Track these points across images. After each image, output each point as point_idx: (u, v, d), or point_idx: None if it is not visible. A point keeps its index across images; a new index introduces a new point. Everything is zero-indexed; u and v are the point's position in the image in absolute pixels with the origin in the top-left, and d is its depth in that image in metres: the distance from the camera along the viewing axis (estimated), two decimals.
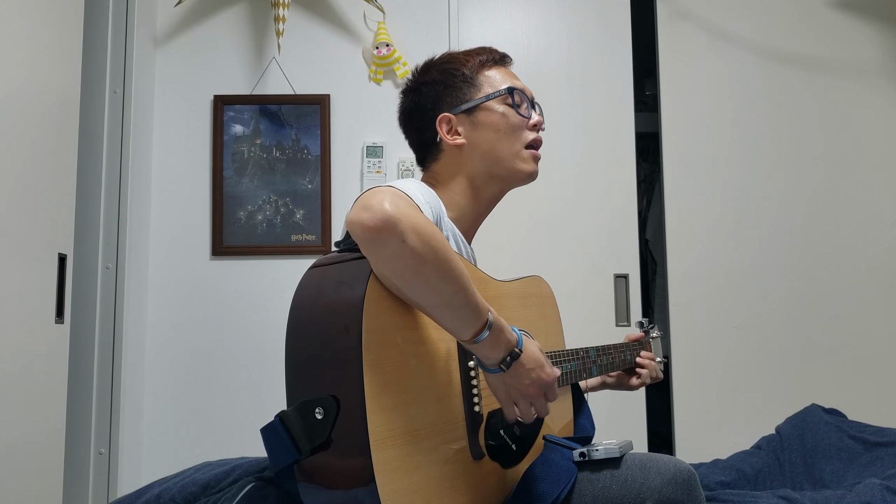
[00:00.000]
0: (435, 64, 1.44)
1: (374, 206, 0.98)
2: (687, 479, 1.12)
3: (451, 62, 1.42)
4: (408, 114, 1.45)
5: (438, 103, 1.40)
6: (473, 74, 1.40)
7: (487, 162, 1.38)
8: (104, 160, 2.48)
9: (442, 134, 1.38)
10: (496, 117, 1.38)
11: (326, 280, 1.04)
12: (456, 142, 1.38)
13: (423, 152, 1.44)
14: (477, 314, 1.05)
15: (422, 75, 1.44)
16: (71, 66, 2.11)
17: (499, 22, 2.86)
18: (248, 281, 2.69)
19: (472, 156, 1.38)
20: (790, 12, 2.88)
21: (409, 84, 1.45)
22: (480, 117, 1.38)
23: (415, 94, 1.43)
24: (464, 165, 1.39)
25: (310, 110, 2.74)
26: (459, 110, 1.39)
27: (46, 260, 1.98)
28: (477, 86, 1.40)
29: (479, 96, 1.38)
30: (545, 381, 1.13)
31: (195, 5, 2.79)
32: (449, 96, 1.40)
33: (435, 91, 1.40)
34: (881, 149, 2.84)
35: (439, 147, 1.40)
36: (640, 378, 1.64)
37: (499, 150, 1.38)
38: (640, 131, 2.91)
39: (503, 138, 1.38)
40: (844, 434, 1.83)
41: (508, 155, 1.39)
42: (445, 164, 1.41)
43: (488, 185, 1.40)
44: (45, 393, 1.95)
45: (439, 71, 1.42)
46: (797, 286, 2.78)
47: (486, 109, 1.39)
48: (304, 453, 0.97)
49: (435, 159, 1.42)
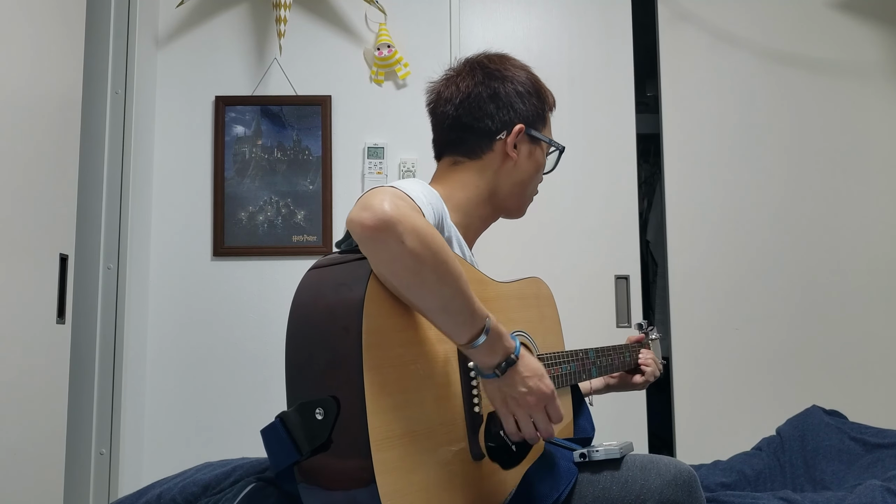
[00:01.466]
0: (528, 71, 1.42)
1: (374, 206, 0.98)
2: (687, 481, 1.12)
3: (541, 85, 1.43)
4: (477, 94, 1.36)
5: (522, 112, 1.38)
6: (548, 111, 1.45)
7: (515, 189, 1.40)
8: (106, 161, 2.48)
9: (510, 138, 1.37)
10: (542, 160, 1.43)
11: (326, 281, 1.04)
12: (512, 153, 1.37)
13: (466, 138, 1.37)
14: (474, 318, 1.04)
15: (516, 70, 1.40)
16: (73, 67, 2.12)
17: (500, 23, 2.86)
18: (249, 282, 2.69)
19: (509, 175, 1.39)
20: (791, 13, 2.88)
21: (497, 66, 1.39)
22: (537, 152, 1.42)
23: (503, 82, 1.37)
24: (496, 176, 1.38)
25: (311, 111, 2.75)
26: (530, 132, 1.39)
27: (48, 260, 1.98)
28: (545, 123, 1.44)
29: (545, 133, 1.43)
30: (543, 391, 1.09)
31: (197, 6, 2.79)
32: (531, 114, 1.39)
33: (525, 99, 1.39)
34: (882, 150, 2.84)
35: (490, 145, 1.37)
36: (643, 375, 1.65)
37: (529, 187, 1.43)
38: (640, 132, 2.91)
39: (535, 180, 1.44)
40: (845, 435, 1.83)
41: (529, 195, 1.45)
42: (480, 164, 1.37)
43: (500, 203, 1.41)
44: (46, 393, 1.96)
45: (533, 85, 1.41)
46: (798, 287, 2.78)
47: (542, 149, 1.43)
48: (304, 454, 0.97)
49: (472, 153, 1.37)
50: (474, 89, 1.36)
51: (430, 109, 1.42)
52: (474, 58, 1.41)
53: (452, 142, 1.39)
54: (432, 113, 1.41)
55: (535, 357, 1.16)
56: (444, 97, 1.39)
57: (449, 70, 1.42)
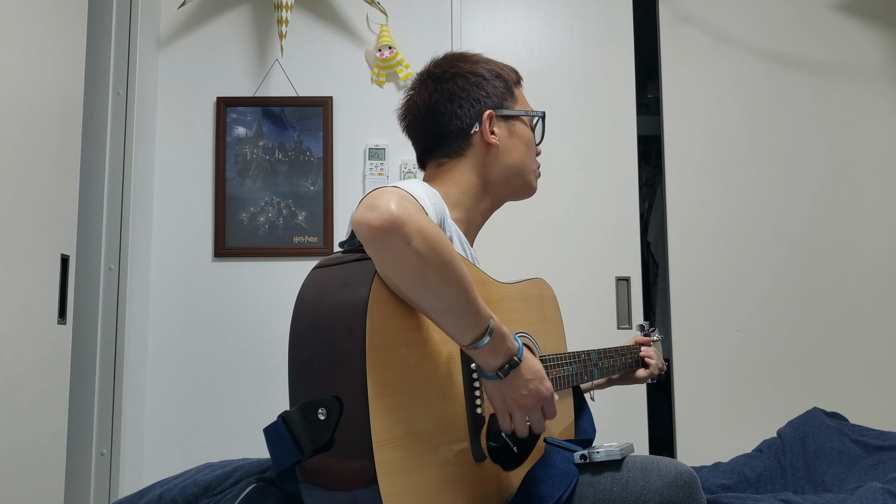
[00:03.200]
0: (477, 59, 1.42)
1: (380, 207, 0.98)
2: (688, 482, 1.12)
3: (495, 65, 1.43)
4: (436, 102, 1.38)
5: (485, 99, 1.39)
6: (511, 86, 1.44)
7: (511, 171, 1.40)
8: (107, 161, 2.48)
9: (484, 128, 1.38)
10: (527, 132, 1.44)
11: (330, 281, 1.04)
12: (492, 140, 1.38)
13: (442, 143, 1.39)
14: (478, 320, 1.05)
15: (464, 63, 1.41)
16: (74, 68, 2.12)
17: (501, 24, 2.86)
18: (249, 282, 2.69)
19: (498, 159, 1.39)
20: (792, 15, 2.89)
21: (443, 69, 1.40)
22: (518, 128, 1.42)
23: (454, 81, 1.38)
24: (485, 166, 1.39)
25: (312, 112, 2.75)
26: (502, 113, 1.40)
27: (49, 261, 1.98)
28: (515, 98, 1.44)
29: (517, 108, 1.43)
30: (543, 394, 1.12)
31: (198, 7, 2.79)
32: (494, 96, 1.40)
33: (483, 86, 1.39)
34: (883, 152, 2.84)
35: (468, 141, 1.38)
36: (648, 368, 1.67)
37: (525, 163, 1.43)
38: (642, 134, 2.91)
39: (528, 154, 1.44)
40: (846, 438, 1.83)
41: (530, 170, 1.44)
42: (465, 160, 1.38)
43: (499, 191, 1.41)
44: (47, 393, 1.96)
45: (487, 69, 1.41)
46: (799, 289, 2.78)
47: (522, 122, 1.43)
48: (306, 454, 0.97)
49: (453, 152, 1.39)
50: (431, 98, 1.39)
51: (405, 132, 1.46)
52: (423, 69, 1.44)
53: (430, 148, 1.42)
54: (407, 134, 1.46)
55: (538, 358, 1.17)
56: (409, 117, 1.43)
57: (406, 90, 1.45)
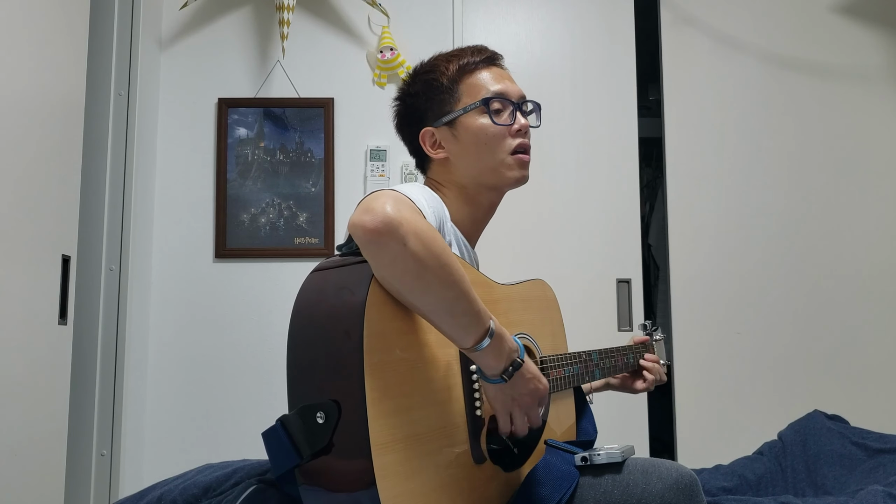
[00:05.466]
0: (420, 73, 1.41)
1: (375, 210, 0.98)
2: (689, 485, 1.12)
3: (432, 72, 1.39)
4: (398, 123, 1.46)
5: (422, 117, 1.39)
6: (453, 84, 1.37)
7: (474, 172, 1.37)
8: (108, 162, 2.48)
9: (426, 148, 1.38)
10: (476, 129, 1.35)
11: (328, 284, 1.04)
12: (439, 156, 1.38)
13: (417, 160, 1.46)
14: (478, 321, 1.05)
15: (407, 86, 1.43)
16: (76, 69, 2.12)
17: (502, 26, 2.86)
18: (250, 283, 2.69)
19: (458, 167, 1.37)
20: (794, 18, 2.88)
21: (398, 93, 1.45)
22: (461, 129, 1.35)
23: (401, 104, 1.43)
24: (452, 176, 1.38)
25: (314, 113, 2.75)
26: (440, 123, 1.37)
27: (50, 261, 1.98)
28: (456, 96, 1.36)
29: (457, 108, 1.36)
30: (542, 392, 1.14)
31: (200, 8, 2.79)
32: (430, 109, 1.38)
33: (417, 104, 1.39)
34: (885, 154, 2.84)
35: (428, 158, 1.40)
36: (645, 382, 1.63)
37: (483, 160, 1.35)
38: (643, 136, 2.91)
39: (485, 149, 1.35)
40: (847, 440, 1.83)
41: (493, 165, 1.35)
42: (437, 174, 1.41)
43: (480, 193, 1.39)
44: (47, 394, 1.96)
45: (422, 82, 1.40)
46: (800, 292, 2.78)
47: (465, 121, 1.35)
48: (305, 458, 0.97)
49: (428, 168, 1.43)
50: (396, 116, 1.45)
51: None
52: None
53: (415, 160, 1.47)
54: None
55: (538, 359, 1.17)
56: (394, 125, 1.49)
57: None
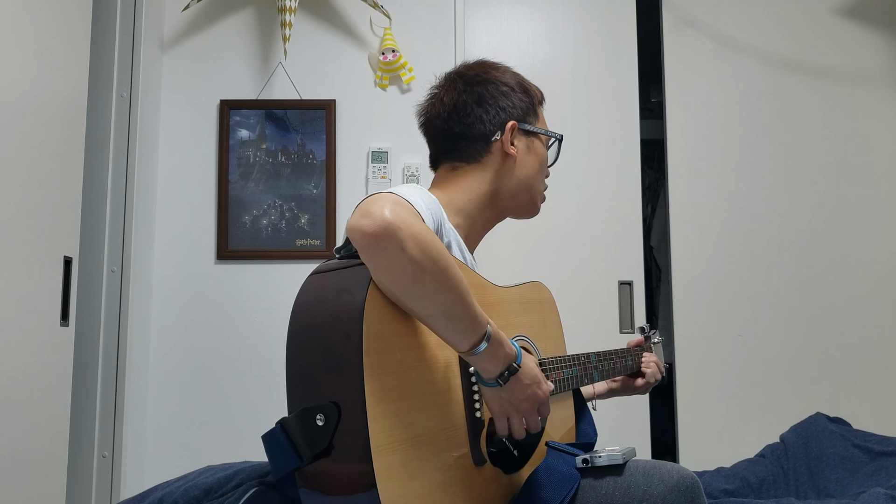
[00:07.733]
0: (507, 70, 1.43)
1: (374, 213, 0.98)
2: (690, 487, 1.12)
3: (524, 81, 1.44)
4: (463, 102, 1.38)
5: (511, 109, 1.39)
6: (536, 104, 1.45)
7: (521, 186, 1.40)
8: (110, 163, 2.49)
9: (506, 137, 1.38)
10: (544, 155, 1.45)
11: (327, 286, 1.04)
12: (511, 151, 1.38)
13: (461, 145, 1.38)
14: (475, 325, 1.04)
15: (495, 71, 1.41)
16: (78, 70, 2.12)
17: (505, 28, 2.86)
18: (252, 285, 2.69)
19: (512, 172, 1.39)
20: (796, 20, 2.88)
21: (475, 72, 1.40)
22: (536, 146, 1.42)
23: (485, 86, 1.38)
24: (498, 176, 1.38)
25: (315, 115, 2.75)
26: (524, 127, 1.40)
27: (52, 263, 1.98)
28: (537, 116, 1.44)
29: (539, 125, 1.43)
30: (540, 397, 1.13)
31: (202, 10, 2.80)
32: (520, 109, 1.40)
33: (511, 97, 1.40)
34: (887, 156, 2.84)
35: (487, 147, 1.38)
36: (644, 378, 1.65)
37: (536, 182, 1.43)
38: (645, 138, 2.91)
39: (539, 177, 1.44)
40: (849, 443, 1.83)
41: (538, 190, 1.45)
42: (479, 167, 1.38)
43: (506, 203, 1.41)
44: (49, 395, 1.96)
45: (517, 82, 1.42)
46: (802, 294, 2.78)
47: (540, 141, 1.43)
48: (305, 460, 0.97)
49: (470, 157, 1.38)
50: (459, 98, 1.38)
51: (423, 129, 1.45)
52: (453, 70, 1.45)
53: (448, 150, 1.40)
54: (425, 132, 1.45)
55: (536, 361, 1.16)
56: (432, 114, 1.41)
57: (432, 88, 1.44)
